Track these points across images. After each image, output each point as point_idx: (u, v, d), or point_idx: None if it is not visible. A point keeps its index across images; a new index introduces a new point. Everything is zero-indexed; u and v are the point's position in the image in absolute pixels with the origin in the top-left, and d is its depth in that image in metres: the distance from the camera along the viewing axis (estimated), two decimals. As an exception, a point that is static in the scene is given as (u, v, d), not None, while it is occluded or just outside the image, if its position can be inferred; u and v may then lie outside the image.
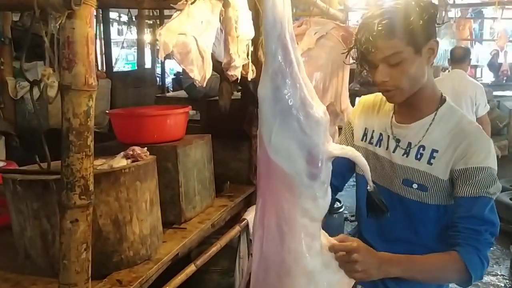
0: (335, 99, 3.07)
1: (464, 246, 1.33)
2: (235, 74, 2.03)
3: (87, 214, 1.24)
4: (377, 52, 1.35)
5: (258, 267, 1.30)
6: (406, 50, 1.32)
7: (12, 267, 1.71)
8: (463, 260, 1.31)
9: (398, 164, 1.50)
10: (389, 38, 1.31)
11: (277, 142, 1.20)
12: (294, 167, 1.20)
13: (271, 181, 1.25)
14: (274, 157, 1.21)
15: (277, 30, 1.14)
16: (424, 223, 1.50)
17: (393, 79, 1.37)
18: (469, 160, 1.36)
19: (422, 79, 1.40)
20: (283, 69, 1.17)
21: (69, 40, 1.15)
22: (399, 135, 1.51)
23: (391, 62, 1.34)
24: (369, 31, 1.34)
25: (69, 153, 1.19)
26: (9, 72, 3.82)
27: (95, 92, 1.22)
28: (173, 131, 2.23)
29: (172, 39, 1.63)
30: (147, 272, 1.68)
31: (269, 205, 1.26)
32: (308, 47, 2.89)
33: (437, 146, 1.43)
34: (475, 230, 1.34)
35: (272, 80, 1.18)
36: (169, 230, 2.06)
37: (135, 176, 1.70)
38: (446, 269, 1.35)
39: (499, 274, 3.83)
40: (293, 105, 1.18)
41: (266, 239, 1.27)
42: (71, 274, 1.23)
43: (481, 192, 1.35)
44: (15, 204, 1.65)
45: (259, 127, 1.23)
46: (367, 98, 1.69)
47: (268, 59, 1.18)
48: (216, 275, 2.67)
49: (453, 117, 1.46)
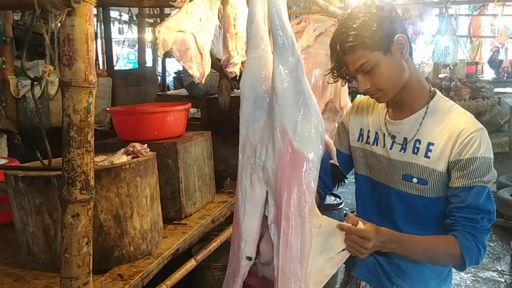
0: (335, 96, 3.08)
1: (462, 232, 1.38)
2: (234, 71, 2.05)
3: (88, 208, 1.26)
4: (348, 67, 1.42)
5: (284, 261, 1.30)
6: (373, 56, 1.37)
7: (14, 262, 1.74)
8: (459, 245, 1.36)
9: (396, 160, 1.52)
10: (353, 52, 1.38)
11: (301, 132, 1.28)
12: (313, 152, 1.29)
13: (295, 171, 1.29)
14: (299, 147, 1.28)
15: (288, 24, 1.20)
16: (425, 216, 1.53)
17: (374, 84, 1.42)
18: (463, 151, 1.39)
19: (402, 74, 1.44)
20: (300, 61, 1.26)
21: (69, 37, 1.16)
22: (394, 131, 1.54)
23: (365, 70, 1.40)
24: (336, 51, 1.42)
25: (70, 149, 1.20)
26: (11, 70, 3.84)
27: (95, 89, 1.24)
28: (173, 128, 2.25)
29: (171, 36, 1.65)
30: (148, 266, 1.70)
31: (293, 195, 1.30)
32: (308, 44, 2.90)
33: (432, 139, 1.46)
34: (471, 219, 1.38)
35: (292, 73, 1.25)
36: (170, 226, 2.09)
37: (136, 172, 1.72)
38: (442, 252, 1.41)
39: (500, 269, 3.84)
40: (310, 95, 1.28)
41: (291, 228, 1.30)
42: (72, 267, 1.25)
43: (475, 181, 1.38)
44: (17, 200, 1.68)
45: (280, 122, 1.28)
46: (362, 100, 1.72)
47: (283, 52, 1.24)
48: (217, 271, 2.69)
49: (444, 109, 1.48)
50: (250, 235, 1.37)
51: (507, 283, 3.63)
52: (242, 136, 1.38)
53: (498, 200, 4.06)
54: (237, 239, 1.39)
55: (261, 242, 1.41)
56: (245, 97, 1.34)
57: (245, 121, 1.36)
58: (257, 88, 1.33)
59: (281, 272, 1.29)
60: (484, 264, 3.88)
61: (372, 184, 1.63)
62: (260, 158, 1.33)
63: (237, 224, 1.38)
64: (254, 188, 1.35)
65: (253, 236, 1.37)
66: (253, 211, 1.36)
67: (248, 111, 1.35)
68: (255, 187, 1.35)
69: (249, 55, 1.34)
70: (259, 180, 1.34)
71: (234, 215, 1.42)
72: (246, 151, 1.37)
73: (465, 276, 3.69)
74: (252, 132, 1.35)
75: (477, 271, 3.77)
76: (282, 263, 1.29)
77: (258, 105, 1.33)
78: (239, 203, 1.39)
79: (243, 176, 1.37)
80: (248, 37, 1.33)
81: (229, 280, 1.43)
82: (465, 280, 3.64)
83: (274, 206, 1.32)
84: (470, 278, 3.68)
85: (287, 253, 1.29)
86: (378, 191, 1.61)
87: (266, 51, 1.32)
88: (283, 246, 1.29)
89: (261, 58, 1.32)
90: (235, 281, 1.40)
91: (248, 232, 1.36)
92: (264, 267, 1.42)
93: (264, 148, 1.32)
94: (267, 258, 1.39)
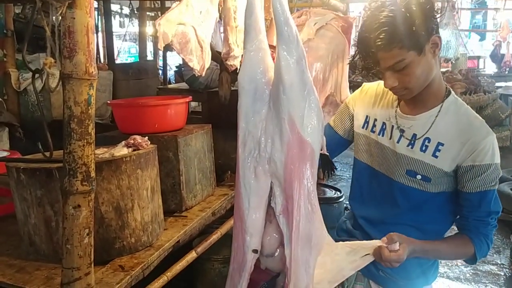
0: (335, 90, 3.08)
1: (475, 233, 1.47)
2: (234, 64, 2.05)
3: (89, 200, 1.27)
4: (380, 64, 1.38)
5: (296, 250, 1.31)
6: (408, 55, 1.34)
7: (16, 254, 1.75)
8: (474, 246, 1.46)
9: (403, 154, 1.52)
10: (389, 50, 1.33)
11: (308, 123, 1.29)
12: (318, 142, 1.31)
13: (304, 162, 1.30)
14: (307, 137, 1.29)
15: (291, 16, 1.21)
16: (423, 208, 1.54)
17: (402, 83, 1.40)
18: (476, 157, 1.40)
19: (430, 74, 1.42)
20: (304, 53, 1.26)
21: (70, 30, 1.17)
22: (404, 126, 1.52)
23: (396, 69, 1.37)
24: (368, 46, 1.37)
25: (71, 141, 1.22)
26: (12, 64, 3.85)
27: (96, 81, 1.25)
28: (173, 121, 2.26)
29: (172, 29, 1.65)
30: (148, 258, 1.72)
31: (303, 185, 1.31)
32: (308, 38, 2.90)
33: (443, 139, 1.45)
34: (483, 221, 1.47)
35: (298, 65, 1.26)
36: (170, 218, 2.10)
37: (136, 164, 1.73)
38: (459, 254, 1.54)
39: (499, 263, 3.85)
40: (312, 86, 1.29)
41: (302, 218, 1.31)
42: (74, 258, 1.26)
43: (487, 187, 1.43)
44: (19, 192, 1.69)
45: (288, 114, 1.28)
46: (371, 86, 1.69)
47: (289, 45, 1.24)
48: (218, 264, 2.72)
49: (458, 111, 1.48)
50: (256, 228, 1.37)
51: (506, 277, 3.65)
52: (242, 130, 1.37)
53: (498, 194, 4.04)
54: (242, 233, 1.39)
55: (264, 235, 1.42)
56: (244, 89, 1.34)
57: (244, 114, 1.35)
58: (256, 81, 1.33)
59: (293, 261, 1.30)
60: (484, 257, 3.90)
61: (372, 172, 1.62)
62: (265, 150, 1.33)
63: (240, 218, 1.38)
64: (259, 181, 1.35)
65: (258, 229, 1.37)
66: (258, 204, 1.36)
67: (248, 104, 1.34)
68: (260, 180, 1.34)
69: (247, 47, 1.33)
70: (264, 172, 1.34)
71: (236, 209, 1.42)
72: (248, 145, 1.36)
73: (464, 270, 3.71)
74: (253, 125, 1.35)
75: (476, 265, 3.78)
76: (294, 253, 1.30)
77: (258, 98, 1.33)
78: (241, 197, 1.38)
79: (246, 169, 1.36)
80: (247, 29, 1.33)
81: (234, 275, 1.43)
82: (465, 274, 3.66)
83: (282, 197, 1.33)
84: (470, 271, 3.70)
85: (299, 242, 1.30)
86: (378, 180, 1.60)
87: (264, 43, 1.32)
88: (295, 235, 1.30)
89: (260, 51, 1.32)
90: (241, 275, 1.40)
91: (254, 225, 1.36)
92: (268, 259, 1.42)
93: (269, 140, 1.32)
94: (270, 250, 1.40)
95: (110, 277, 1.58)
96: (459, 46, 8.05)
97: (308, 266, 1.32)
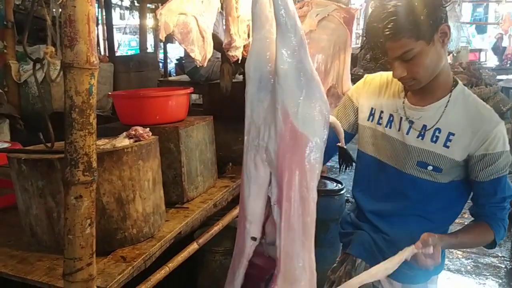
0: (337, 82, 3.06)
1: (493, 219, 1.49)
2: (236, 54, 2.04)
3: (90, 190, 1.26)
4: (388, 53, 1.37)
5: (286, 241, 1.31)
6: (417, 45, 1.33)
7: (18, 245, 1.75)
8: (493, 233, 1.49)
9: (413, 146, 1.51)
10: (398, 39, 1.32)
11: (304, 113, 1.26)
12: (316, 134, 1.28)
13: (296, 153, 1.28)
14: (301, 128, 1.27)
15: (291, 4, 1.18)
16: (432, 199, 1.54)
17: (410, 72, 1.39)
18: (489, 146, 1.41)
19: (439, 64, 1.41)
20: (303, 42, 1.23)
21: (71, 19, 1.16)
22: (413, 117, 1.51)
23: (405, 59, 1.36)
24: (376, 36, 1.36)
25: (72, 131, 1.21)
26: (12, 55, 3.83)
27: (97, 71, 1.23)
28: (175, 112, 2.25)
29: (173, 19, 1.64)
30: (150, 249, 1.71)
31: (295, 176, 1.29)
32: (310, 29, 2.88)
33: (453, 129, 1.45)
34: (499, 206, 1.49)
35: (294, 54, 1.23)
36: (172, 210, 2.10)
37: (138, 155, 1.73)
38: (481, 242, 1.57)
39: (500, 255, 3.86)
40: (314, 76, 1.26)
41: (293, 210, 1.30)
42: (76, 248, 1.26)
43: (500, 174, 1.45)
44: (20, 183, 1.68)
45: (281, 103, 1.26)
46: (373, 78, 1.68)
47: (286, 33, 1.21)
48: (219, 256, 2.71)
49: (467, 100, 1.48)
50: (255, 216, 1.37)
51: (507, 269, 3.65)
52: (248, 118, 1.36)
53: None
54: (243, 220, 1.40)
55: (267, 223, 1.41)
56: (250, 78, 1.33)
57: (250, 103, 1.35)
58: (261, 69, 1.31)
59: (283, 252, 1.29)
60: (485, 250, 3.90)
61: (379, 165, 1.61)
62: (263, 139, 1.33)
63: (242, 206, 1.39)
64: (258, 169, 1.35)
65: (257, 217, 1.37)
66: (258, 192, 1.36)
67: (253, 92, 1.33)
68: (259, 169, 1.35)
69: (254, 36, 1.32)
70: (262, 161, 1.34)
71: (240, 197, 1.43)
72: (251, 133, 1.36)
73: (465, 262, 3.71)
74: (257, 113, 1.34)
75: (477, 257, 3.79)
76: (284, 244, 1.29)
77: (263, 87, 1.32)
78: (244, 184, 1.39)
79: (248, 158, 1.37)
80: (253, 18, 1.31)
81: (235, 260, 1.45)
82: (466, 266, 3.67)
83: (277, 188, 1.32)
84: (471, 263, 3.71)
85: (289, 233, 1.29)
86: (386, 172, 1.59)
87: (271, 32, 1.30)
88: (285, 226, 1.29)
89: (266, 39, 1.30)
90: (240, 260, 1.41)
91: (253, 213, 1.37)
92: (269, 247, 1.43)
93: (267, 129, 1.32)
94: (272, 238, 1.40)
95: (112, 268, 1.58)
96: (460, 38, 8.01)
97: (300, 259, 1.30)
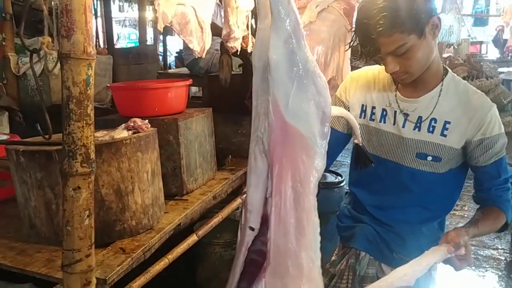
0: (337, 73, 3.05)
1: (501, 201, 1.51)
2: (235, 45, 2.03)
3: (89, 181, 1.26)
4: (381, 49, 1.36)
5: (277, 234, 1.29)
6: (409, 39, 1.32)
7: (17, 237, 1.76)
8: (505, 215, 1.51)
9: (410, 138, 1.51)
10: (390, 35, 1.32)
11: (295, 106, 1.22)
12: (310, 129, 1.23)
13: (287, 146, 1.25)
14: (292, 121, 1.22)
15: None
16: (432, 189, 1.55)
17: (403, 67, 1.38)
18: (486, 130, 1.43)
19: (431, 56, 1.42)
20: (297, 32, 1.18)
21: (67, 8, 1.14)
22: (407, 110, 1.51)
23: (398, 54, 1.35)
24: (368, 32, 1.35)
25: (70, 122, 1.20)
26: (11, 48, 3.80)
27: (94, 61, 1.22)
28: (174, 104, 2.24)
29: (171, 10, 1.63)
30: (149, 240, 1.72)
31: (286, 170, 1.26)
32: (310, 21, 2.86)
33: (448, 117, 1.46)
34: (503, 188, 1.52)
35: (286, 44, 1.19)
36: (171, 202, 2.10)
37: (136, 147, 1.72)
38: (495, 227, 1.55)
39: (500, 248, 3.86)
40: (309, 68, 1.20)
41: (284, 203, 1.28)
42: (74, 240, 1.26)
43: (500, 154, 1.48)
44: (19, 175, 1.68)
45: (272, 94, 1.23)
46: (359, 74, 1.66)
47: (278, 22, 1.17)
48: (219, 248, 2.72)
49: (458, 87, 1.49)
50: (254, 206, 1.36)
51: (507, 261, 3.66)
52: (254, 108, 1.34)
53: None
54: (245, 209, 1.40)
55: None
56: (255, 68, 1.30)
57: (255, 93, 1.32)
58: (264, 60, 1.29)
59: (273, 246, 1.28)
60: (484, 242, 3.91)
61: (377, 160, 1.59)
62: (260, 130, 1.32)
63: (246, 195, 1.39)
64: (257, 160, 1.33)
65: (256, 207, 1.36)
66: (257, 183, 1.35)
67: (258, 82, 1.31)
68: (257, 159, 1.33)
69: (258, 25, 1.29)
70: (260, 152, 1.33)
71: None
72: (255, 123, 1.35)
73: (465, 254, 3.71)
74: (260, 103, 1.33)
75: (477, 249, 3.80)
76: (274, 237, 1.27)
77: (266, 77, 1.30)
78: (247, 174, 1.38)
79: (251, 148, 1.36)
80: (257, 8, 1.29)
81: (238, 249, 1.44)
82: (465, 258, 3.67)
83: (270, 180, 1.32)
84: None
85: (279, 227, 1.27)
86: (385, 167, 1.58)
87: None
88: (276, 219, 1.27)
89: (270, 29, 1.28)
90: (240, 249, 1.41)
91: (253, 203, 1.36)
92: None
93: (264, 121, 1.31)
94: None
95: (111, 259, 1.58)
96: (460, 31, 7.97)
97: (292, 254, 1.28)
